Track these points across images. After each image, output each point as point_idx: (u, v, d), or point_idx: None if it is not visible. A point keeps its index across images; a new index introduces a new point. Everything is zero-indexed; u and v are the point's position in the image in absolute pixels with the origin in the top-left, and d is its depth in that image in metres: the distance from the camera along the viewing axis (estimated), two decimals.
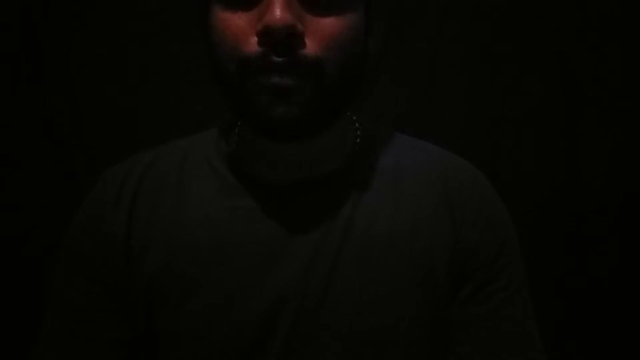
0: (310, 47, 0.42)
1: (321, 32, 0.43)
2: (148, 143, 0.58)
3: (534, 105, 1.01)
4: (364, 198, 0.51)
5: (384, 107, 0.98)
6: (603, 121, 1.00)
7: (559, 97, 1.01)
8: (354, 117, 0.57)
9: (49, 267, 0.54)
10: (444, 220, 0.51)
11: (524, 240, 0.55)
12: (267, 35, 0.41)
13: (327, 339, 0.47)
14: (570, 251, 1.03)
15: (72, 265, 0.51)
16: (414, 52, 0.99)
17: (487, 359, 0.50)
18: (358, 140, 0.55)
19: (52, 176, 0.98)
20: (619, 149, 1.01)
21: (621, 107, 1.00)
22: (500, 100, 1.01)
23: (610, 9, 0.97)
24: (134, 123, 0.98)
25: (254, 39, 0.42)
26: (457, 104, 1.01)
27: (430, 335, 0.50)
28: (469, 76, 1.00)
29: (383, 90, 0.98)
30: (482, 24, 0.99)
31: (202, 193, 0.51)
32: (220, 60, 0.44)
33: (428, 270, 0.49)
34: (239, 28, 0.43)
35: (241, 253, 0.48)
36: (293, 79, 0.42)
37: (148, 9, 0.96)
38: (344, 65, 0.44)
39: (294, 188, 0.50)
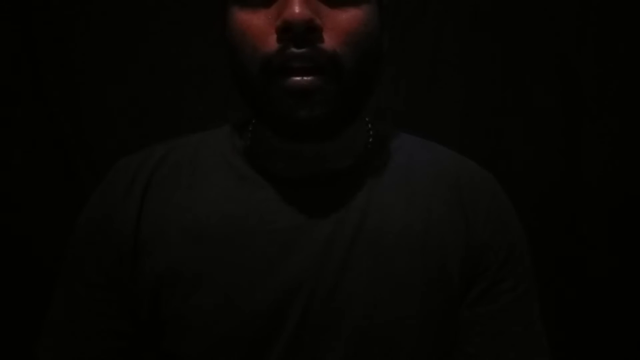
0: (328, 42, 0.43)
1: (339, 27, 0.43)
2: (148, 143, 0.58)
3: (533, 105, 1.01)
4: (377, 194, 0.51)
5: (384, 107, 0.98)
6: (603, 121, 1.00)
7: (559, 97, 1.01)
8: (367, 118, 0.57)
9: (51, 266, 0.54)
10: (456, 219, 0.51)
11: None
12: (286, 30, 0.42)
13: (336, 331, 0.47)
14: (569, 250, 1.03)
15: (80, 257, 0.51)
16: (414, 52, 0.99)
17: (494, 359, 0.50)
18: (370, 140, 0.55)
19: (52, 176, 0.98)
20: (618, 148, 1.01)
21: (621, 107, 1.00)
22: (500, 99, 1.01)
23: (611, 8, 0.97)
24: (134, 123, 0.98)
25: (273, 37, 0.43)
26: (457, 104, 1.01)
27: (439, 332, 0.50)
28: (469, 76, 1.00)
29: (383, 89, 0.98)
30: (482, 24, 0.99)
31: (215, 184, 0.52)
32: (242, 62, 0.45)
33: (440, 268, 0.50)
34: (258, 27, 0.43)
35: (253, 243, 0.49)
36: (314, 79, 0.42)
37: (148, 9, 0.96)
38: (361, 61, 0.45)
39: (308, 181, 0.51)
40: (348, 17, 0.44)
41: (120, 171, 0.54)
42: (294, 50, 0.42)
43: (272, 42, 0.43)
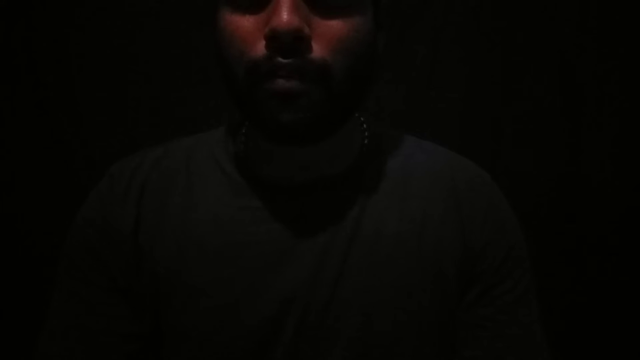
0: (317, 50, 0.42)
1: (328, 35, 0.42)
2: (148, 143, 0.58)
3: (534, 105, 1.01)
4: (372, 199, 0.51)
5: (383, 107, 0.98)
6: (603, 121, 1.00)
7: (559, 97, 1.00)
8: (362, 118, 0.56)
9: (50, 266, 0.54)
10: (452, 222, 0.51)
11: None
12: (274, 39, 0.41)
13: (333, 341, 0.47)
14: (570, 251, 1.03)
15: (78, 259, 0.51)
16: (413, 52, 0.99)
17: None
18: (365, 142, 0.54)
19: (52, 176, 0.98)
20: (618, 148, 1.01)
21: (621, 107, 1.00)
22: (499, 100, 1.01)
23: (611, 8, 0.97)
24: (134, 123, 0.98)
25: (262, 43, 0.42)
26: (456, 104, 1.01)
27: (438, 338, 0.49)
28: (469, 76, 1.00)
29: (382, 90, 0.98)
30: (482, 24, 0.99)
31: (210, 192, 0.51)
32: (228, 64, 0.44)
33: (437, 272, 0.49)
34: (247, 31, 0.43)
35: (249, 253, 0.48)
36: (300, 83, 0.41)
37: (148, 9, 0.96)
38: (352, 68, 0.44)
39: (302, 189, 0.50)
40: (338, 25, 0.42)
41: (114, 176, 0.53)
42: (281, 60, 0.41)
43: (259, 48, 0.42)
